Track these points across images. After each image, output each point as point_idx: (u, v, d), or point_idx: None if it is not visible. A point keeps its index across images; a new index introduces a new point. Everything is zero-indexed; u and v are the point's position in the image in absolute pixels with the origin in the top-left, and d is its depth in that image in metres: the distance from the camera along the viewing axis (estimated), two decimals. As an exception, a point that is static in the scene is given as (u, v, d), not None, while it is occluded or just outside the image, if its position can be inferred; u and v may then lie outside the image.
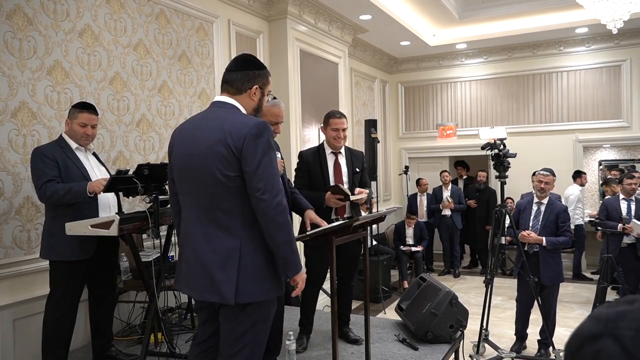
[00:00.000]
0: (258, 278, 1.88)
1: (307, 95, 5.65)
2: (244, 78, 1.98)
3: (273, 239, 1.85)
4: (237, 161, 1.83)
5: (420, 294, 3.59)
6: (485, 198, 7.68)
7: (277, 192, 1.84)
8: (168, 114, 4.13)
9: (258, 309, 1.92)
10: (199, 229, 1.92)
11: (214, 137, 1.85)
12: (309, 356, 3.16)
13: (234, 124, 1.86)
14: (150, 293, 2.90)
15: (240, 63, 2.03)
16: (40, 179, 2.71)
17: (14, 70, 3.03)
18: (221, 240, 1.87)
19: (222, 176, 1.84)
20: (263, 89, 2.03)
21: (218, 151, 1.84)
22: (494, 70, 8.10)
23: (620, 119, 7.34)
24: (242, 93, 1.98)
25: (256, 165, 1.82)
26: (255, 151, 1.82)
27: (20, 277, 3.05)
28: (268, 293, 1.91)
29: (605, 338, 0.56)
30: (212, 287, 1.87)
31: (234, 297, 1.84)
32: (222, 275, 1.85)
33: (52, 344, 2.78)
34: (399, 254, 7.02)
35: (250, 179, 1.83)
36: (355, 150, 3.50)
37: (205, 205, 1.90)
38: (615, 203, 5.19)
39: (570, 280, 6.95)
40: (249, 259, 1.86)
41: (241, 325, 1.91)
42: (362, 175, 3.43)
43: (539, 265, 4.05)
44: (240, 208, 1.87)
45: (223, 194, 1.86)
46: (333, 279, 2.45)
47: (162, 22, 4.08)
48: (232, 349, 1.91)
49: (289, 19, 5.31)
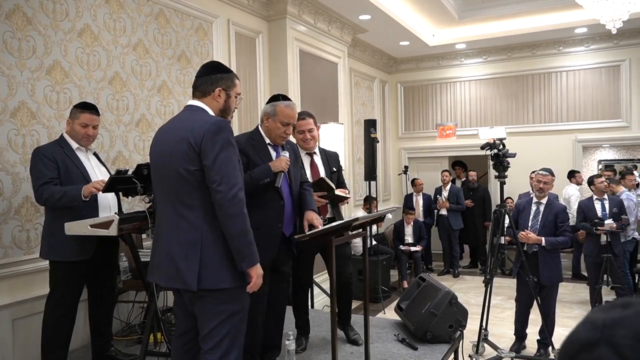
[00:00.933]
0: (218, 267, 1.98)
1: (306, 95, 5.65)
2: (207, 82, 2.14)
3: (227, 229, 1.97)
4: (197, 156, 1.97)
5: (420, 294, 3.59)
6: (480, 196, 7.70)
7: (232, 185, 1.95)
8: (167, 113, 4.12)
9: (228, 300, 2.02)
10: (166, 222, 2.07)
11: (179, 135, 2.01)
12: (308, 356, 3.16)
13: (195, 123, 2.02)
14: (150, 293, 2.90)
15: (206, 69, 2.20)
16: (39, 181, 2.71)
17: (13, 70, 3.02)
18: (184, 233, 2.00)
19: (184, 171, 1.98)
20: (228, 91, 2.17)
21: (181, 148, 1.99)
22: (493, 70, 8.11)
23: (619, 119, 7.34)
24: (207, 96, 2.15)
25: (213, 159, 1.95)
26: (213, 146, 1.95)
27: (20, 277, 3.05)
28: (229, 281, 2.00)
29: (602, 346, 0.55)
30: (177, 275, 2.00)
31: (196, 284, 1.96)
32: (185, 265, 1.98)
33: (51, 344, 2.78)
34: (398, 253, 7.02)
35: (208, 172, 1.96)
36: (329, 151, 3.49)
37: (171, 200, 2.05)
38: (590, 204, 5.21)
39: (570, 280, 6.95)
40: (209, 250, 1.98)
41: (214, 317, 2.01)
42: (340, 175, 3.42)
43: (538, 265, 4.05)
44: (201, 202, 1.99)
45: (186, 188, 2.00)
46: (332, 279, 2.45)
47: (161, 22, 4.08)
48: (211, 341, 2.02)
49: (289, 19, 5.31)
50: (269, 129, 2.78)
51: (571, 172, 7.10)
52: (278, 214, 2.73)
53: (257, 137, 2.80)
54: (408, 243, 7.19)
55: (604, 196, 5.20)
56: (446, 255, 7.67)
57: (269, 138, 2.80)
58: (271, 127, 2.77)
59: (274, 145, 2.81)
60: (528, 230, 4.09)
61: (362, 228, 2.74)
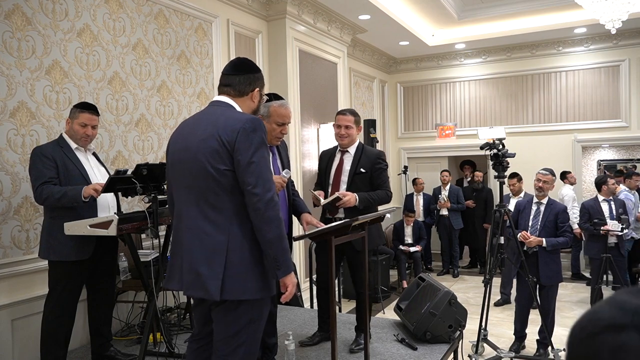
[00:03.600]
0: (244, 276, 1.85)
1: (306, 95, 5.65)
2: (245, 81, 2.02)
3: (264, 235, 1.84)
4: (228, 155, 1.84)
5: (419, 294, 3.59)
6: (483, 197, 7.69)
7: (269, 188, 1.84)
8: (167, 113, 4.12)
9: (249, 309, 1.91)
10: (187, 223, 1.92)
11: (207, 132, 1.88)
12: (308, 356, 3.16)
13: (227, 119, 1.88)
14: (149, 293, 2.90)
15: (240, 67, 2.06)
16: (38, 180, 2.71)
17: (12, 70, 3.02)
18: (208, 236, 1.86)
19: (212, 169, 1.84)
20: (262, 91, 2.10)
21: (210, 145, 1.85)
22: (493, 70, 8.11)
23: (618, 119, 7.35)
24: (243, 96, 2.02)
25: (248, 160, 1.82)
26: (248, 145, 1.83)
27: (19, 277, 3.05)
28: (255, 292, 1.88)
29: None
30: (197, 282, 1.87)
31: (219, 294, 1.83)
32: (207, 270, 1.84)
33: (50, 344, 2.78)
34: (397, 253, 7.02)
35: (243, 173, 1.83)
36: (370, 150, 3.31)
37: (195, 200, 1.90)
38: (596, 205, 5.21)
39: (569, 280, 6.96)
40: (236, 255, 1.84)
41: (233, 324, 1.91)
42: (375, 177, 3.20)
43: (538, 265, 4.05)
44: (229, 204, 1.86)
45: (213, 188, 1.86)
46: (332, 279, 2.45)
47: (160, 22, 4.08)
48: (227, 348, 1.92)
49: (288, 19, 5.30)
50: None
51: (563, 172, 7.11)
52: None
53: None
54: (407, 243, 7.19)
55: (610, 197, 5.20)
56: (445, 255, 7.67)
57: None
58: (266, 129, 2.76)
59: (270, 145, 2.81)
60: (528, 233, 4.08)
61: (362, 228, 2.74)
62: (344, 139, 3.24)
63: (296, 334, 3.40)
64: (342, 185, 3.20)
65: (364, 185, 3.19)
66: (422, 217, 7.74)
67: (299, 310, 4.28)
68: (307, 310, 4.38)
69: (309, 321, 3.87)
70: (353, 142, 3.27)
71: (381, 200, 3.19)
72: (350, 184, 3.19)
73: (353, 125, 3.22)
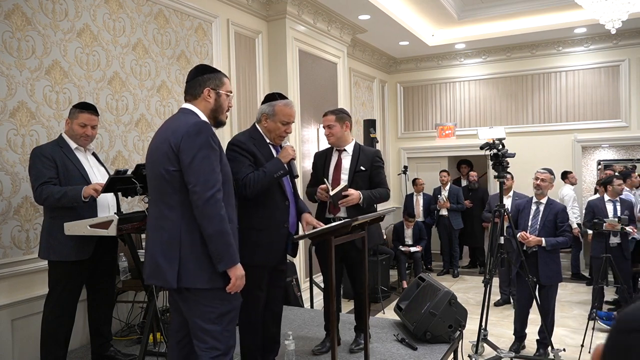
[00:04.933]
0: (198, 267, 2.00)
1: (306, 95, 5.65)
2: (195, 84, 2.18)
3: (204, 230, 1.97)
4: (175, 157, 2.00)
5: (419, 294, 3.59)
6: (479, 197, 7.69)
7: (210, 186, 1.96)
8: (167, 113, 4.12)
9: (211, 300, 2.03)
10: (150, 221, 2.12)
11: (163, 136, 2.06)
12: (308, 356, 3.16)
13: (179, 125, 2.04)
14: (149, 293, 2.90)
15: (193, 72, 2.22)
16: (37, 180, 2.71)
17: (12, 70, 3.02)
18: (165, 232, 2.03)
19: (164, 171, 2.02)
20: (217, 90, 2.19)
21: (162, 149, 2.03)
22: (492, 70, 8.11)
23: (618, 119, 7.35)
24: (197, 98, 2.18)
25: (190, 160, 1.97)
26: (191, 147, 1.97)
27: (19, 277, 3.05)
28: (206, 282, 2.00)
29: None
30: (157, 273, 2.04)
31: (176, 282, 1.99)
32: (164, 263, 2.02)
33: (50, 344, 2.78)
34: (397, 254, 7.02)
35: (185, 173, 1.98)
36: (367, 149, 3.35)
37: (155, 199, 2.10)
38: (601, 204, 5.21)
39: (569, 280, 6.96)
40: (188, 248, 2.00)
41: (201, 316, 2.03)
42: (374, 175, 3.22)
43: (537, 265, 4.05)
44: (180, 202, 2.01)
45: (166, 188, 2.03)
46: (332, 279, 2.45)
47: (160, 22, 4.08)
48: (202, 342, 2.04)
49: (288, 19, 5.31)
50: (269, 129, 2.77)
51: (564, 172, 7.11)
52: (283, 214, 2.73)
53: (258, 137, 2.79)
54: (407, 244, 7.19)
55: (616, 198, 5.20)
56: (445, 255, 7.67)
57: (269, 138, 2.80)
58: (271, 128, 2.77)
59: (274, 145, 2.82)
60: (527, 233, 4.08)
61: (362, 228, 2.74)
62: (329, 138, 3.27)
63: (296, 334, 3.40)
64: (343, 183, 3.19)
65: (364, 183, 3.19)
66: (422, 217, 7.74)
67: (299, 310, 4.28)
68: (307, 310, 4.38)
69: (309, 321, 3.87)
70: (341, 140, 3.25)
71: (382, 198, 3.21)
72: (351, 181, 3.18)
73: (335, 123, 3.21)
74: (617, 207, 5.16)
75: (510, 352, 4.12)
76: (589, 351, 4.34)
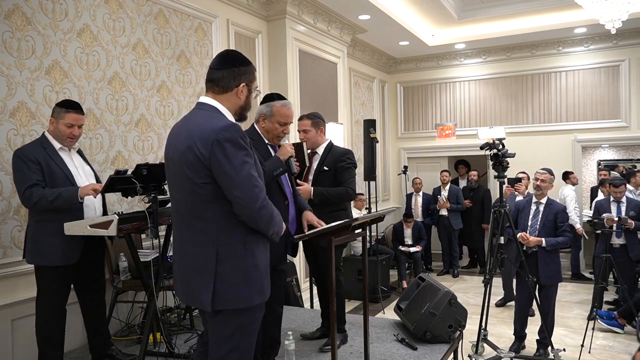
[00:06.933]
0: (235, 285, 1.83)
1: (305, 96, 5.65)
2: (229, 76, 1.92)
3: (265, 232, 1.90)
4: (205, 167, 1.78)
5: (419, 294, 3.59)
6: (480, 197, 7.69)
7: (256, 197, 1.81)
8: (167, 113, 4.13)
9: (241, 315, 1.88)
10: (180, 234, 1.92)
11: (186, 143, 1.83)
12: (308, 356, 3.16)
13: (203, 130, 1.81)
14: (149, 293, 2.90)
15: (225, 60, 1.95)
16: (24, 184, 2.62)
17: (12, 70, 3.02)
18: (198, 247, 1.84)
19: (193, 184, 1.81)
20: (250, 86, 1.97)
21: (187, 157, 1.81)
22: (492, 70, 8.11)
23: (618, 119, 7.35)
24: (228, 92, 1.93)
25: (227, 172, 1.77)
26: (225, 157, 1.76)
27: (19, 277, 3.05)
28: (246, 300, 1.86)
29: None
30: (191, 293, 1.88)
31: (211, 304, 1.82)
32: (199, 281, 1.84)
33: (45, 346, 2.76)
34: (397, 254, 7.03)
35: (223, 185, 1.79)
36: (337, 149, 3.38)
37: (183, 211, 1.89)
38: (606, 204, 5.23)
39: (569, 280, 6.96)
40: (226, 266, 1.82)
41: (224, 330, 1.88)
42: (337, 174, 3.28)
43: (537, 265, 4.05)
44: (214, 215, 1.83)
45: (197, 201, 1.83)
46: (332, 279, 2.45)
47: (160, 22, 4.08)
48: (219, 352, 1.89)
49: (288, 19, 5.31)
50: (267, 129, 2.79)
51: (565, 173, 7.11)
52: (283, 214, 2.72)
53: (256, 137, 2.80)
54: (407, 244, 7.19)
55: (622, 199, 5.20)
56: (445, 255, 7.67)
57: (267, 138, 2.81)
58: (268, 128, 2.78)
59: (272, 145, 2.83)
60: (526, 233, 4.08)
61: (362, 228, 2.74)
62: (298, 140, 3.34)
63: (296, 334, 3.40)
64: (308, 183, 3.29)
65: (327, 182, 3.28)
66: (420, 217, 7.74)
67: (299, 310, 4.28)
68: (307, 310, 4.38)
69: (309, 321, 3.87)
70: (315, 143, 3.34)
71: (339, 196, 3.27)
72: (314, 181, 3.30)
73: (310, 128, 3.30)
74: (621, 208, 5.16)
75: (510, 352, 4.12)
76: (589, 351, 4.34)
